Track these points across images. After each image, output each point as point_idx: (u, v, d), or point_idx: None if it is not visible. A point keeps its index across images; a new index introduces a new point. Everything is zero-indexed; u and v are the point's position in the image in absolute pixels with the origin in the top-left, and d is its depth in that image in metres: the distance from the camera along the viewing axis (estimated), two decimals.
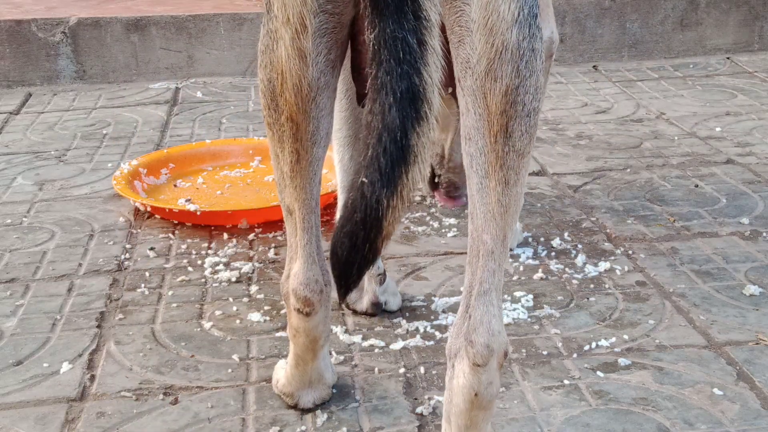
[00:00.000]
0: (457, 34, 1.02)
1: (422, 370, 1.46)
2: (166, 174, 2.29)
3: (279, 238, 1.96)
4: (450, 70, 1.02)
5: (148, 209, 2.07)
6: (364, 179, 0.89)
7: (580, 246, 1.88)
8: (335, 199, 2.11)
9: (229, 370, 1.47)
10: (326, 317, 1.32)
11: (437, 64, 0.91)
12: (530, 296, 1.68)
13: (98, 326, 1.62)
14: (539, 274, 1.76)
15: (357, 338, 1.55)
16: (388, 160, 0.88)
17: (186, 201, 2.11)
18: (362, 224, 0.89)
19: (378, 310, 1.61)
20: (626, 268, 1.78)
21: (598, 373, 1.44)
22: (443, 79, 0.93)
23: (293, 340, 1.34)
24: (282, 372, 1.39)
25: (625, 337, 1.54)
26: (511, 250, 1.87)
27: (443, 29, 1.01)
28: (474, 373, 1.09)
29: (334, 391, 1.40)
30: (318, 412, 1.35)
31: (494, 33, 0.99)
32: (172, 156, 2.35)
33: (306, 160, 1.16)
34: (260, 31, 1.15)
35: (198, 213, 1.99)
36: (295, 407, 1.37)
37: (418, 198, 2.14)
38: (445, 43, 1.00)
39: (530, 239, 1.92)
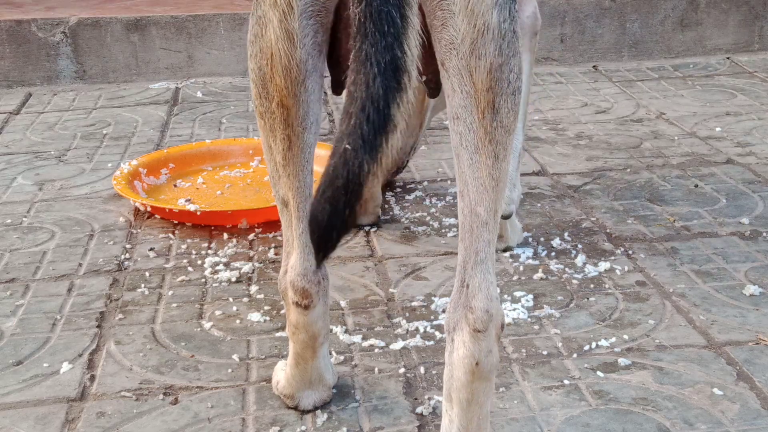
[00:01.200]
0: (440, 18, 1.06)
1: (422, 370, 1.46)
2: (166, 174, 2.29)
3: (279, 238, 1.96)
4: (425, 57, 1.05)
5: (148, 209, 2.07)
6: (347, 146, 0.91)
7: (580, 246, 1.88)
8: None
9: (229, 370, 1.47)
10: (325, 312, 1.32)
11: (416, 38, 0.94)
12: (530, 296, 1.68)
13: (98, 326, 1.62)
14: (539, 274, 1.76)
15: (357, 338, 1.55)
16: (371, 128, 0.91)
17: (186, 201, 2.11)
18: (344, 189, 0.91)
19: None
20: (626, 268, 1.78)
21: (598, 373, 1.44)
22: (421, 55, 0.97)
23: (292, 338, 1.34)
24: (282, 373, 1.39)
25: (625, 337, 1.54)
26: (511, 249, 1.87)
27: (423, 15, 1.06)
28: (474, 340, 1.12)
29: (334, 391, 1.40)
30: (318, 412, 1.35)
31: (476, 14, 1.04)
32: (172, 156, 2.35)
33: (298, 147, 1.19)
34: (249, 23, 1.17)
35: (198, 213, 1.99)
36: (295, 409, 1.37)
37: (417, 198, 2.15)
38: (424, 28, 1.02)
39: (530, 239, 1.92)
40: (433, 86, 1.19)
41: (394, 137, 0.92)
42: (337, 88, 1.20)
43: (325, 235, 0.94)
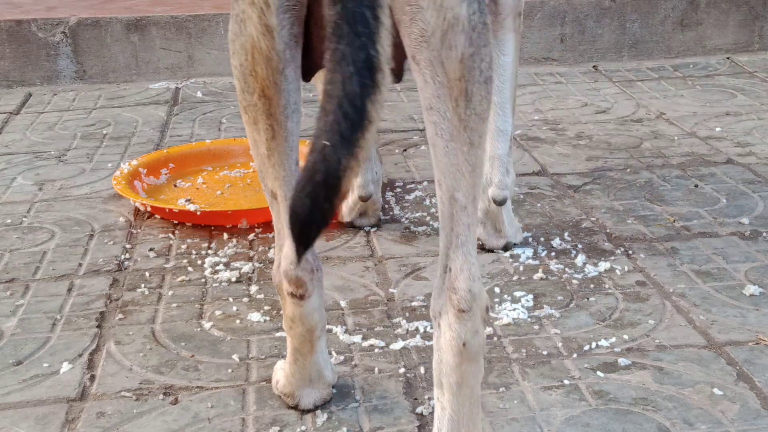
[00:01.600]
0: (408, 13, 1.09)
1: (422, 370, 1.46)
2: (166, 174, 2.29)
3: None
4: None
5: (148, 209, 2.07)
6: (326, 142, 0.94)
7: (580, 246, 1.88)
8: None
9: (229, 370, 1.47)
10: (321, 305, 1.32)
11: (388, 38, 0.97)
12: (530, 296, 1.68)
13: (98, 326, 1.62)
14: (539, 274, 1.76)
15: (357, 338, 1.55)
16: (348, 125, 0.94)
17: (186, 201, 2.11)
18: (323, 184, 0.94)
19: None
20: (626, 268, 1.78)
21: (598, 373, 1.44)
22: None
23: (290, 333, 1.34)
24: (281, 372, 1.39)
25: (625, 337, 1.54)
26: (510, 247, 1.87)
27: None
28: (460, 321, 1.14)
29: (334, 391, 1.40)
30: (318, 412, 1.35)
31: (444, 8, 1.08)
32: (172, 156, 2.35)
33: (281, 136, 1.22)
34: (229, 23, 1.22)
35: (198, 213, 1.99)
36: (295, 409, 1.37)
37: (417, 197, 2.15)
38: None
39: (530, 239, 1.92)
40: (394, 76, 1.23)
41: (371, 133, 0.95)
42: (306, 75, 1.25)
43: (305, 229, 0.96)
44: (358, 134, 0.94)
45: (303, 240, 0.97)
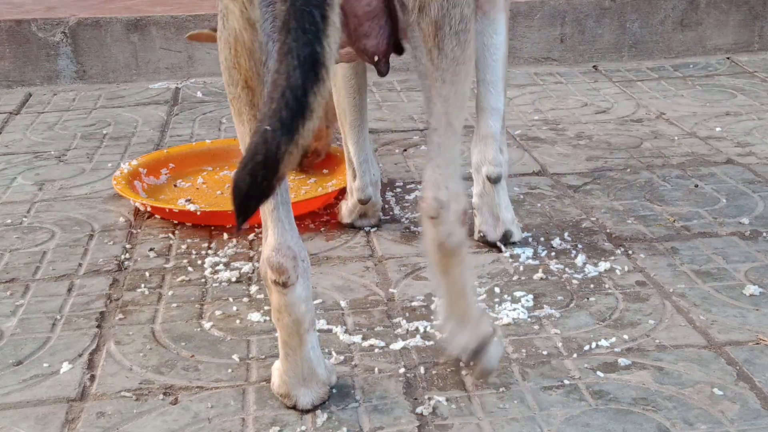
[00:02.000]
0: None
1: (422, 370, 1.46)
2: (166, 174, 2.29)
3: None
4: (386, 45, 1.36)
5: (149, 209, 2.07)
6: (267, 127, 1.04)
7: (580, 246, 1.88)
8: (335, 198, 2.11)
9: (229, 370, 1.47)
10: (308, 297, 1.33)
11: (336, 36, 1.07)
12: (530, 296, 1.68)
13: (98, 326, 1.62)
14: (539, 274, 1.76)
15: (357, 338, 1.55)
16: (289, 113, 1.03)
17: (186, 201, 2.11)
18: (263, 164, 1.05)
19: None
20: (626, 268, 1.78)
21: (598, 373, 1.44)
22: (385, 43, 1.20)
23: (278, 325, 1.34)
24: (276, 372, 1.39)
25: (625, 337, 1.54)
26: (509, 238, 1.86)
27: None
28: (431, 226, 1.33)
29: (334, 391, 1.40)
30: (318, 412, 1.35)
31: None
32: (172, 156, 2.35)
33: None
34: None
35: (198, 213, 1.99)
36: (294, 409, 1.37)
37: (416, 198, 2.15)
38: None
39: (530, 239, 1.92)
40: (384, 68, 1.42)
41: (311, 122, 1.05)
42: None
43: (246, 203, 1.07)
44: (298, 122, 1.04)
45: (242, 211, 1.07)
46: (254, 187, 1.06)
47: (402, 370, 1.46)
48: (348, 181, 2.00)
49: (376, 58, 1.41)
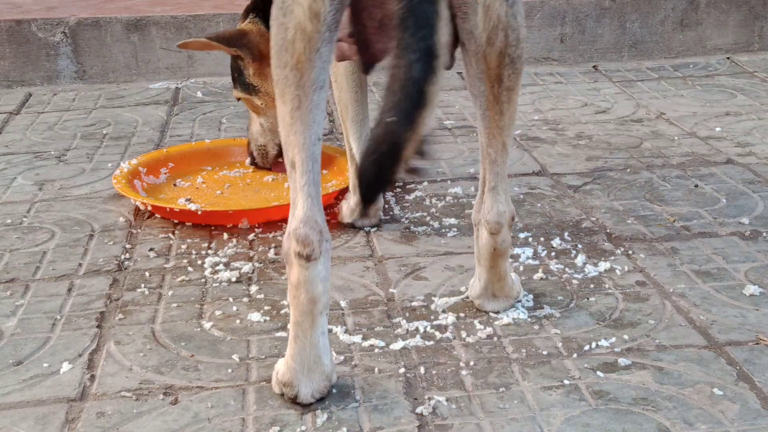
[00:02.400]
0: (463, 11, 1.37)
1: (422, 370, 1.46)
2: (165, 173, 2.29)
3: (279, 238, 1.96)
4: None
5: (149, 208, 2.07)
6: (389, 119, 1.13)
7: (580, 246, 1.88)
8: (335, 199, 2.11)
9: (229, 370, 1.47)
10: (326, 278, 1.35)
11: (446, 30, 1.16)
12: (530, 296, 1.68)
13: (98, 326, 1.62)
14: (539, 274, 1.76)
15: (357, 338, 1.55)
16: (410, 104, 1.13)
17: (186, 200, 2.11)
18: (387, 154, 1.14)
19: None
20: (626, 268, 1.78)
21: (598, 373, 1.44)
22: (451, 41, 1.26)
23: (293, 303, 1.35)
24: (281, 362, 1.39)
25: (625, 337, 1.54)
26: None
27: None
28: (491, 237, 1.56)
29: (334, 391, 1.40)
30: (318, 412, 1.35)
31: (490, 11, 1.37)
32: (172, 155, 2.35)
33: (306, 107, 1.31)
34: (273, 9, 1.33)
35: (199, 212, 1.99)
36: (294, 400, 1.36)
37: (416, 197, 2.15)
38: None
39: (530, 239, 1.92)
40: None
41: (429, 111, 1.14)
42: (366, 69, 1.46)
43: (370, 191, 1.19)
44: (418, 112, 1.13)
45: (367, 196, 1.22)
46: (379, 175, 1.15)
47: (402, 370, 1.46)
48: (350, 178, 2.00)
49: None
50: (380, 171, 1.15)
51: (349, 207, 1.99)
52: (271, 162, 2.29)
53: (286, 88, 1.32)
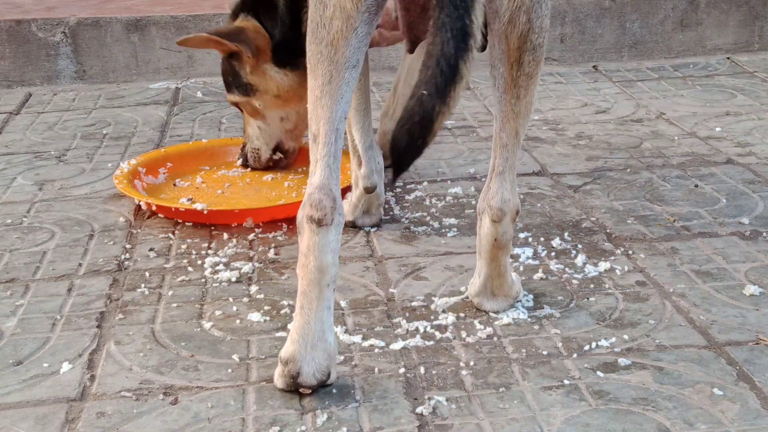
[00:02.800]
0: None
1: (422, 370, 1.46)
2: (164, 173, 2.29)
3: (279, 238, 1.96)
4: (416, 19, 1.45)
5: (153, 208, 2.07)
6: (424, 92, 1.18)
7: (580, 246, 1.88)
8: None
9: (229, 370, 1.47)
10: (335, 250, 1.37)
11: (481, 10, 1.21)
12: (530, 296, 1.68)
13: (98, 326, 1.62)
14: (539, 274, 1.76)
15: (357, 338, 1.55)
16: (443, 79, 1.18)
17: (188, 200, 2.11)
18: (419, 124, 1.19)
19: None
20: (626, 268, 1.78)
21: (598, 373, 1.44)
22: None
23: (301, 272, 1.37)
24: (287, 341, 1.40)
25: (625, 337, 1.54)
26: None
27: None
28: (493, 226, 1.55)
29: (334, 391, 1.40)
30: (318, 411, 1.35)
31: None
32: (170, 155, 2.35)
33: (336, 83, 1.36)
34: None
35: (205, 212, 1.98)
36: (295, 379, 1.36)
37: (417, 197, 2.15)
38: None
39: (530, 239, 1.92)
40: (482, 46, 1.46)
41: (461, 86, 1.19)
42: (411, 48, 1.53)
43: (402, 159, 1.24)
44: (450, 87, 1.19)
45: (399, 165, 1.25)
46: (411, 143, 1.21)
47: (402, 370, 1.46)
48: (353, 170, 1.98)
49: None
50: (412, 140, 1.20)
51: (351, 203, 1.99)
52: (264, 164, 2.30)
53: (319, 63, 1.36)
